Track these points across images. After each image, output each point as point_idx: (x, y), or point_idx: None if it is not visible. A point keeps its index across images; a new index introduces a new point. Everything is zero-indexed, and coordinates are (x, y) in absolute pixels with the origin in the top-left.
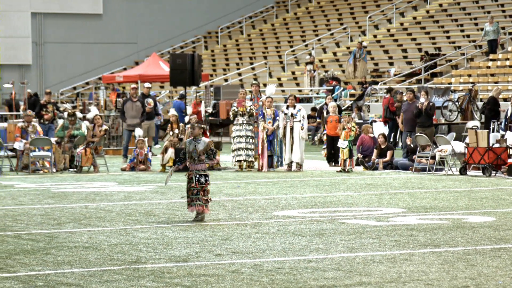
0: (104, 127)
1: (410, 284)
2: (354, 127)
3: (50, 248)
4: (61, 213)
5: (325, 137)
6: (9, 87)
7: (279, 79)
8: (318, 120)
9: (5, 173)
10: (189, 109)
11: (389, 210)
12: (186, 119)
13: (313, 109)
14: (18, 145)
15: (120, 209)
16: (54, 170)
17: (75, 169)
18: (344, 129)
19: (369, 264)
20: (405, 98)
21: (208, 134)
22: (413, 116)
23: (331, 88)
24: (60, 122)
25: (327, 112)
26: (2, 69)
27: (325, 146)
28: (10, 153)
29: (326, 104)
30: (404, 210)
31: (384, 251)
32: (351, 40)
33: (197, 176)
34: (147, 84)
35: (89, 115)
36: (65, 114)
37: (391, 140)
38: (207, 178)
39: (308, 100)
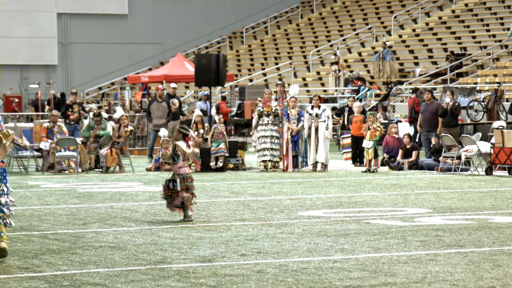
0: (130, 127)
1: (436, 285)
2: (379, 127)
3: (76, 248)
4: (86, 213)
5: (345, 141)
6: (35, 88)
7: (304, 79)
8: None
9: (31, 173)
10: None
11: (414, 210)
12: (216, 118)
13: (333, 108)
14: (44, 145)
15: (145, 209)
16: (80, 170)
17: (100, 169)
18: (369, 129)
19: (394, 265)
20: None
21: (189, 139)
22: (431, 116)
23: (356, 88)
24: (86, 122)
25: (350, 114)
26: (28, 70)
27: (345, 151)
28: (36, 153)
29: (348, 106)
30: (429, 210)
31: (410, 251)
32: (376, 40)
33: (167, 181)
34: (173, 85)
35: (115, 115)
36: (91, 114)
37: (417, 140)
38: (174, 184)
39: (333, 100)
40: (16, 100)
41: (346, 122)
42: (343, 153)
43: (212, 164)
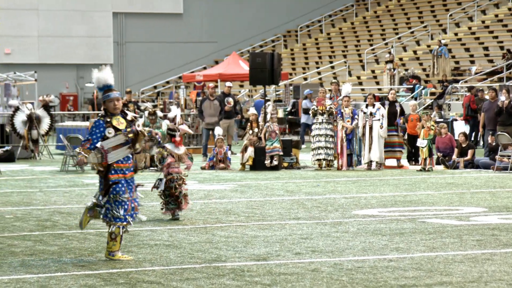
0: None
1: (492, 284)
2: (433, 126)
3: (131, 246)
4: (141, 211)
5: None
6: (91, 87)
7: (358, 77)
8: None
9: (86, 172)
10: (269, 108)
11: (470, 209)
12: (268, 117)
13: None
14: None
15: (200, 207)
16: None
17: (155, 168)
18: (423, 127)
19: (450, 264)
20: (486, 97)
21: (177, 140)
22: (495, 115)
23: (411, 86)
24: (141, 121)
25: (390, 107)
26: (84, 69)
27: (386, 149)
28: None
29: (388, 99)
30: (485, 209)
31: (465, 250)
32: (432, 38)
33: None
34: (228, 83)
35: (170, 115)
36: (146, 113)
37: (472, 139)
38: (160, 181)
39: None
40: (71, 98)
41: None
42: (385, 151)
43: (267, 162)
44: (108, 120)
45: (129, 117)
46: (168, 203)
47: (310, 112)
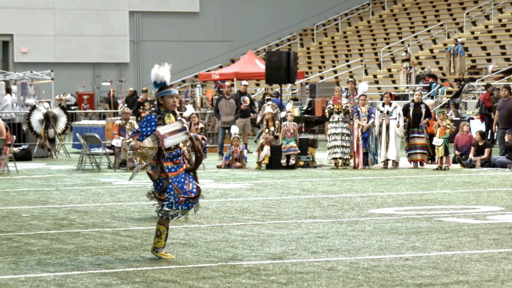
0: (200, 125)
1: (509, 283)
2: (449, 124)
3: (148, 244)
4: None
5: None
6: (107, 85)
7: (375, 76)
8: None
9: (103, 170)
10: (289, 106)
11: (487, 208)
12: (283, 114)
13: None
14: (116, 142)
15: (216, 206)
16: None
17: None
18: (439, 126)
19: (466, 263)
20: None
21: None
22: (508, 113)
23: (428, 85)
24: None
25: (415, 109)
26: (100, 68)
27: (410, 152)
28: (108, 150)
29: (413, 101)
30: (502, 208)
31: (482, 249)
32: (448, 37)
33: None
34: (244, 82)
35: (185, 113)
36: None
37: (489, 137)
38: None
39: (404, 97)
40: (86, 96)
41: (412, 119)
42: (408, 154)
43: (283, 162)
44: (160, 117)
45: (178, 117)
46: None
47: (326, 110)
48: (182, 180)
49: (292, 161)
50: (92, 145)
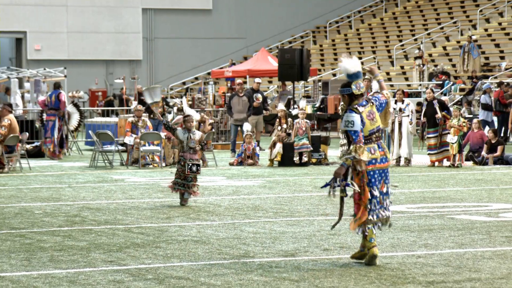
0: (210, 120)
1: None
2: (464, 122)
3: (160, 241)
4: (170, 207)
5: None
6: (120, 83)
7: (387, 73)
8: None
9: (116, 167)
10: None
11: (499, 205)
12: (295, 112)
13: (418, 104)
14: (129, 139)
15: (228, 203)
16: (164, 164)
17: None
18: (452, 127)
19: (479, 260)
20: None
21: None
22: None
23: (441, 82)
24: (170, 117)
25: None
26: (113, 65)
27: (430, 152)
28: (120, 147)
29: (426, 100)
30: None
31: (494, 247)
32: (461, 34)
33: (190, 164)
34: (257, 79)
35: (195, 116)
36: (175, 109)
37: (502, 135)
38: (198, 167)
39: (417, 94)
40: (99, 93)
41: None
42: (428, 153)
43: (296, 159)
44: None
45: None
46: (176, 182)
47: (339, 108)
48: (380, 179)
49: (305, 159)
50: (105, 142)
